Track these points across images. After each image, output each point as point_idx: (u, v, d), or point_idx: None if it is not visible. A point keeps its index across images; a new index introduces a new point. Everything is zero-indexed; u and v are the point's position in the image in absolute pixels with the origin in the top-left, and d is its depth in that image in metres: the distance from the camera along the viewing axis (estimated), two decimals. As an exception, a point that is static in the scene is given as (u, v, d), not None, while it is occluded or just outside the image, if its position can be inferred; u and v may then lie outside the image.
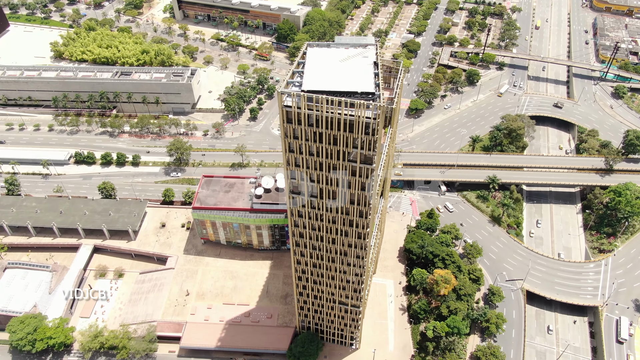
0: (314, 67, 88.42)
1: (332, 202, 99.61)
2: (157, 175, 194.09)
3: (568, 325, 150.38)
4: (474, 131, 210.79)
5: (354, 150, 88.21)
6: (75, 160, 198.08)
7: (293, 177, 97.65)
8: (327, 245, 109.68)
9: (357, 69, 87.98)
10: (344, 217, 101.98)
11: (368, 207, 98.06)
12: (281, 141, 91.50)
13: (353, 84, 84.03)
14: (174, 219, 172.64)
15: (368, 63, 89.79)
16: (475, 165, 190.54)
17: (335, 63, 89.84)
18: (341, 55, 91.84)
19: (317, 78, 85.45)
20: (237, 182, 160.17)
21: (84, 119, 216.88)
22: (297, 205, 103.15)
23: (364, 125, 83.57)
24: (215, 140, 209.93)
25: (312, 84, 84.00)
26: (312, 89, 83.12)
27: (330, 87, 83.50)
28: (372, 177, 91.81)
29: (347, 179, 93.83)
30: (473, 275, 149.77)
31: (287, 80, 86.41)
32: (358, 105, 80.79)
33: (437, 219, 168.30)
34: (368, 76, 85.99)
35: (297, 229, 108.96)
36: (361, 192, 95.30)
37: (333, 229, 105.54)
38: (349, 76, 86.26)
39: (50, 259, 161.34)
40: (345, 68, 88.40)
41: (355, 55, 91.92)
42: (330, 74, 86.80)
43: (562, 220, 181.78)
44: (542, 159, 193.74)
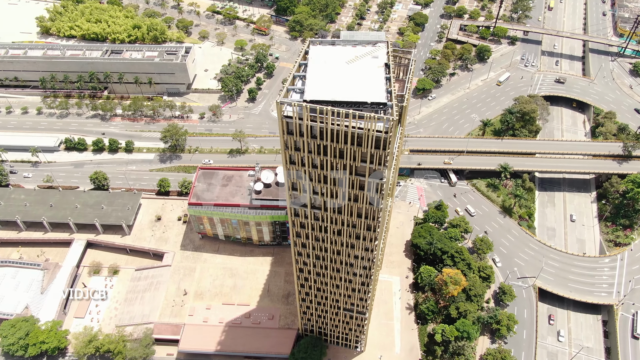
0: (318, 70, 78.23)
1: (338, 215, 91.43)
2: (152, 162, 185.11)
3: (581, 324, 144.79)
4: (485, 113, 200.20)
5: (362, 165, 79.31)
6: (65, 146, 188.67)
7: (295, 189, 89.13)
8: (332, 255, 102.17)
9: (366, 73, 77.82)
10: (350, 230, 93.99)
11: (376, 221, 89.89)
12: (281, 153, 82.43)
13: (362, 93, 74.13)
14: (169, 212, 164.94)
15: (378, 65, 79.49)
16: (486, 151, 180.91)
17: (341, 65, 79.56)
18: (348, 55, 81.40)
19: (321, 85, 75.48)
20: (235, 175, 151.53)
21: (74, 101, 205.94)
22: (300, 217, 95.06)
23: (374, 139, 74.41)
24: (213, 123, 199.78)
25: (316, 92, 74.16)
26: (316, 99, 73.40)
27: (336, 96, 73.70)
28: (382, 192, 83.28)
29: (355, 193, 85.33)
30: (483, 273, 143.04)
31: (287, 87, 76.45)
32: (368, 118, 71.48)
33: (445, 211, 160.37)
34: (379, 82, 75.95)
35: (300, 239, 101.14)
36: (369, 206, 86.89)
37: (338, 241, 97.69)
38: (357, 82, 76.21)
39: (42, 255, 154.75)
40: (352, 72, 78.20)
41: (363, 55, 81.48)
42: (336, 79, 76.70)
43: (576, 210, 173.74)
44: (556, 144, 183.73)
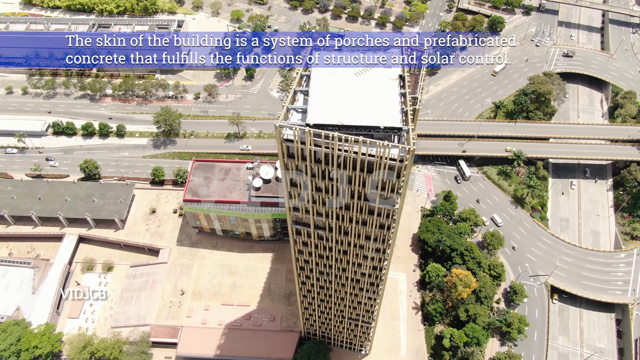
0: (322, 85, 68.15)
1: (344, 237, 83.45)
2: (145, 148, 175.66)
3: (594, 323, 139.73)
4: (496, 92, 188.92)
5: (372, 192, 70.58)
6: (53, 131, 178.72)
7: (296, 210, 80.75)
8: (337, 272, 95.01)
9: (378, 88, 67.80)
10: (357, 252, 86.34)
11: (386, 244, 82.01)
12: (281, 175, 73.51)
13: (373, 115, 64.46)
14: (164, 203, 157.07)
15: (391, 77, 69.33)
16: (498, 136, 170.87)
17: (349, 78, 69.36)
18: (356, 65, 71.05)
19: (326, 105, 65.69)
20: (232, 168, 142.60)
21: (61, 80, 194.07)
22: (302, 236, 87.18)
23: (387, 167, 65.42)
24: (208, 104, 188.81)
25: (320, 114, 64.49)
26: (320, 123, 63.88)
27: (344, 119, 64.11)
28: (393, 217, 74.92)
29: (363, 217, 77.02)
30: (494, 271, 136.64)
31: (286, 105, 66.61)
32: (380, 146, 62.22)
33: (454, 202, 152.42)
34: (392, 101, 66.09)
35: (302, 256, 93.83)
36: (379, 230, 78.79)
37: (344, 260, 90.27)
38: (368, 100, 66.34)
39: (32, 251, 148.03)
40: (361, 86, 68.12)
41: (374, 65, 71.14)
42: (343, 97, 66.77)
43: (591, 199, 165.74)
44: (572, 128, 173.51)
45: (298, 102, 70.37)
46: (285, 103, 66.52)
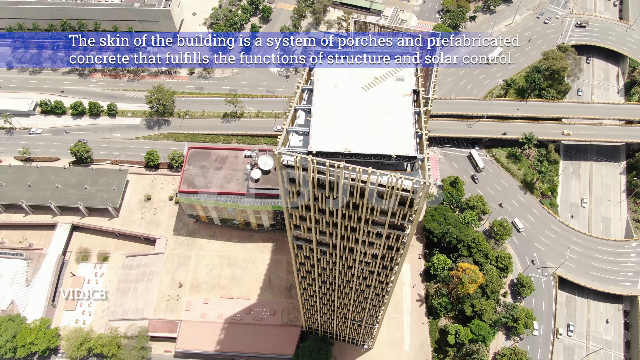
0: (326, 102, 60.59)
1: (349, 254, 77.91)
2: (139, 128, 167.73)
3: (601, 314, 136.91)
4: (507, 67, 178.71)
5: (381, 217, 64.39)
6: (41, 110, 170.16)
7: (297, 229, 74.83)
8: (340, 282, 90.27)
9: (389, 106, 60.28)
10: (363, 267, 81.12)
11: (394, 262, 76.60)
12: (281, 196, 67.12)
13: (384, 141, 57.40)
14: (160, 190, 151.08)
15: (404, 92, 61.66)
16: (509, 116, 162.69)
17: (356, 93, 61.65)
18: (364, 78, 62.99)
19: (331, 128, 58.51)
20: (229, 156, 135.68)
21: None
22: (304, 251, 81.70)
23: (399, 198, 59.03)
24: (204, 80, 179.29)
25: (324, 141, 57.49)
26: (324, 151, 57.04)
27: (351, 146, 57.20)
28: (403, 241, 69.12)
29: (370, 239, 71.19)
30: (501, 263, 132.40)
31: (286, 127, 59.39)
32: (392, 177, 55.63)
33: (461, 188, 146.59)
34: (405, 124, 58.80)
35: (304, 267, 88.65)
36: (388, 251, 73.19)
37: (348, 273, 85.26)
38: (377, 123, 59.03)
39: (24, 241, 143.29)
40: (370, 104, 60.58)
41: (384, 76, 63.20)
42: (350, 117, 59.41)
43: (603, 183, 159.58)
44: (586, 108, 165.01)
45: (299, 118, 63.05)
46: (285, 124, 59.36)
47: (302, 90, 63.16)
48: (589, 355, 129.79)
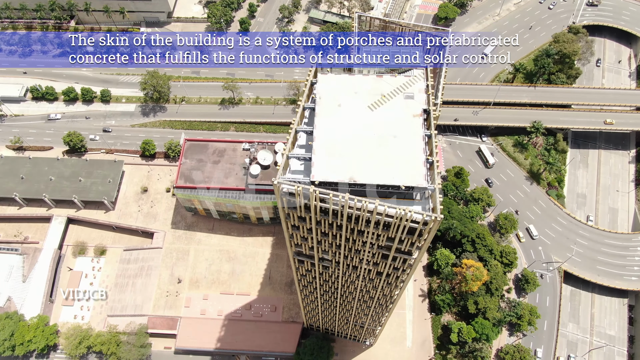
0: (329, 125, 56.07)
1: (353, 271, 74.75)
2: (133, 115, 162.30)
3: (605, 309, 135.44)
4: (516, 49, 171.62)
5: (388, 243, 60.85)
6: (32, 96, 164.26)
7: (298, 247, 71.39)
8: (343, 293, 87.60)
9: (397, 130, 55.78)
10: (367, 283, 78.16)
11: (400, 281, 73.57)
12: (281, 220, 63.36)
13: (392, 170, 53.25)
14: (156, 181, 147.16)
15: (414, 112, 57.01)
16: (516, 103, 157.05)
17: (362, 113, 57.05)
18: (371, 95, 58.21)
19: (334, 155, 54.23)
20: (227, 149, 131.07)
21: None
22: (305, 265, 78.55)
23: (407, 229, 55.35)
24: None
25: (327, 169, 53.36)
26: (328, 180, 52.95)
27: (356, 175, 53.11)
28: (410, 264, 65.79)
29: (375, 260, 67.86)
30: (506, 259, 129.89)
31: (286, 153, 55.08)
32: (400, 210, 51.81)
33: (466, 179, 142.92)
34: (415, 149, 54.47)
35: (305, 278, 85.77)
36: (393, 271, 69.96)
37: (352, 286, 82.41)
38: (385, 148, 54.68)
39: (20, 234, 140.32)
40: (377, 126, 56.07)
41: (392, 94, 58.38)
42: (355, 142, 55.03)
43: (611, 172, 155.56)
44: (597, 94, 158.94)
45: (300, 139, 58.62)
46: (285, 148, 55.01)
47: (302, 109, 58.51)
48: (592, 350, 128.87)
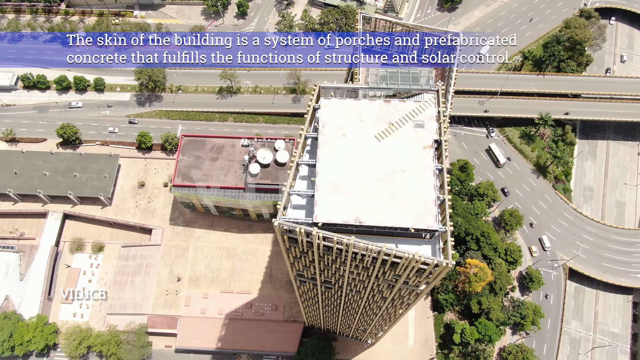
0: (333, 158, 52.27)
1: (356, 294, 72.15)
2: (129, 105, 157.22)
3: (610, 306, 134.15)
4: (525, 33, 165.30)
5: (394, 277, 57.97)
6: (23, 85, 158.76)
7: (301, 274, 68.59)
8: (346, 308, 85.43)
9: (406, 164, 52.06)
10: (371, 305, 75.73)
11: (405, 305, 71.15)
12: (282, 252, 60.31)
13: (400, 210, 49.83)
14: (154, 175, 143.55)
15: (424, 143, 53.15)
16: (524, 92, 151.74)
17: (368, 145, 53.20)
18: (378, 122, 54.22)
19: (339, 192, 50.66)
20: (225, 145, 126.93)
21: (27, 19, 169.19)
22: (306, 284, 75.96)
23: (416, 269, 52.33)
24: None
25: (331, 209, 49.97)
26: (332, 222, 49.58)
27: (362, 216, 49.76)
28: (417, 294, 63.11)
29: (381, 289, 65.16)
30: (510, 257, 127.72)
31: (287, 190, 51.46)
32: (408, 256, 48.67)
33: (471, 173, 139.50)
34: (425, 186, 50.91)
35: (306, 294, 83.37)
36: (399, 298, 67.38)
37: (355, 305, 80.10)
38: (393, 185, 51.05)
39: (15, 231, 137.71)
40: (384, 160, 52.34)
41: (401, 122, 54.33)
42: (361, 178, 51.40)
43: (619, 164, 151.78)
44: (608, 83, 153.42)
45: (302, 170, 54.94)
46: (285, 186, 51.38)
47: (304, 139, 54.57)
48: (595, 348, 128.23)
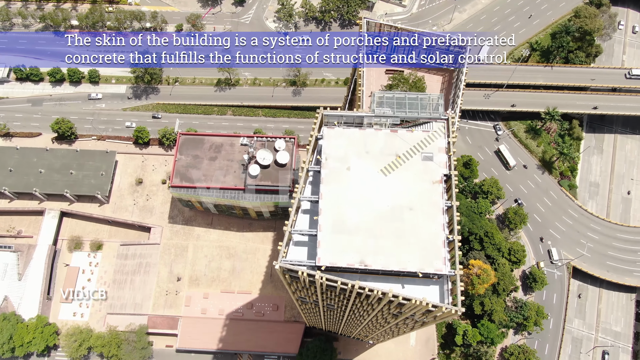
0: (336, 195, 49.59)
1: (360, 316, 70.49)
2: (124, 98, 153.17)
3: (613, 304, 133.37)
4: (532, 22, 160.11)
5: (399, 312, 56.04)
6: (16, 77, 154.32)
7: (303, 297, 66.72)
8: (348, 322, 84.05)
9: (414, 202, 49.41)
10: (374, 324, 74.15)
11: (409, 328, 69.53)
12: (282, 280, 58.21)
13: (407, 254, 47.40)
14: (152, 171, 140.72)
15: (433, 178, 50.41)
16: (530, 85, 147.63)
17: (375, 180, 50.45)
18: (384, 155, 51.33)
19: (343, 234, 48.14)
20: (224, 143, 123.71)
21: (17, 7, 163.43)
22: (308, 305, 74.29)
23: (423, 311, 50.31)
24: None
25: (334, 251, 47.66)
26: (335, 266, 47.27)
27: (367, 259, 47.49)
28: (424, 321, 61.34)
29: (385, 318, 63.36)
30: (514, 257, 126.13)
31: (288, 229, 48.96)
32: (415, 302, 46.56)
33: (475, 169, 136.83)
34: (434, 227, 48.37)
35: (308, 311, 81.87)
36: (403, 324, 65.64)
37: (357, 322, 78.57)
38: (400, 225, 48.52)
39: (12, 229, 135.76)
40: (392, 197, 49.64)
41: (409, 155, 51.40)
42: (366, 218, 48.81)
43: (627, 159, 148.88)
44: (618, 75, 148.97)
45: (304, 204, 52.32)
46: (286, 225, 48.89)
47: (306, 172, 51.70)
48: (597, 347, 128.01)
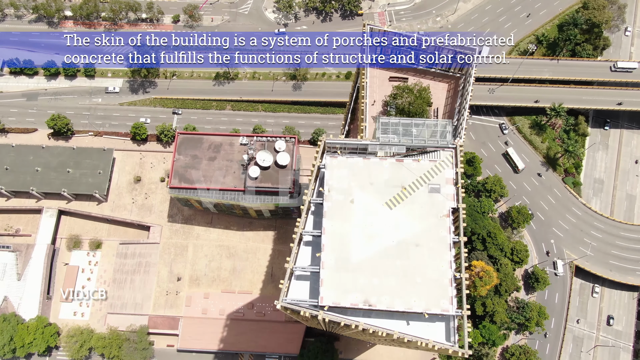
0: (339, 230, 47.81)
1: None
2: (121, 92, 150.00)
3: (615, 303, 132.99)
4: (539, 12, 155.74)
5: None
6: (10, 70, 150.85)
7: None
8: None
9: (420, 237, 47.68)
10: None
11: (415, 347, 68.63)
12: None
13: (413, 294, 45.87)
14: (150, 169, 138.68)
15: (440, 212, 48.72)
16: (536, 80, 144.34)
17: (379, 214, 48.62)
18: (389, 186, 49.40)
19: (346, 272, 46.54)
20: (223, 143, 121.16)
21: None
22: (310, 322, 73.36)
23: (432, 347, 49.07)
24: (190, 30, 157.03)
25: (338, 290, 46.26)
26: (339, 306, 45.81)
27: (372, 299, 46.19)
28: (425, 348, 60.36)
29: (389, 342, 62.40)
30: (516, 257, 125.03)
31: (290, 267, 47.40)
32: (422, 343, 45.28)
33: (479, 167, 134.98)
34: (441, 265, 46.76)
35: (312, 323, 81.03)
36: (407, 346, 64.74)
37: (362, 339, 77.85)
38: (406, 262, 46.92)
39: (10, 228, 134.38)
40: (397, 232, 47.90)
41: (415, 187, 49.44)
42: (370, 255, 47.10)
43: (632, 155, 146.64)
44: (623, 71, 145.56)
45: (306, 236, 50.60)
46: (288, 262, 47.30)
47: (308, 205, 49.81)
48: (598, 346, 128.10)
